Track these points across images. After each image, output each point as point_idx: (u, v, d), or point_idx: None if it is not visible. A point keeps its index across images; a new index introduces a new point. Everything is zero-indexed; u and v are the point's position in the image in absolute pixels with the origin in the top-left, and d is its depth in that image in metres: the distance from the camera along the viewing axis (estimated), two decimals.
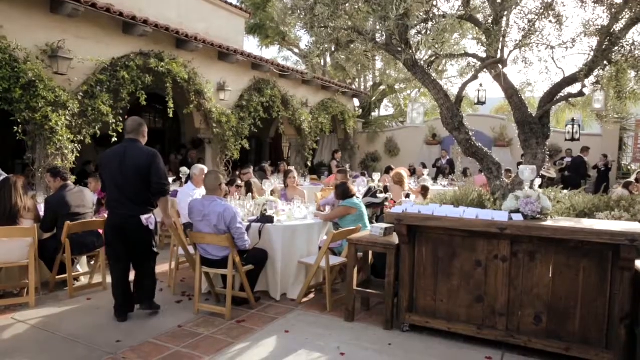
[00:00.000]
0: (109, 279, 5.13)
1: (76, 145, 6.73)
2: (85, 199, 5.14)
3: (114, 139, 7.26)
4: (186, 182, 6.99)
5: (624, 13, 4.13)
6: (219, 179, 4.42)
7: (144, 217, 4.09)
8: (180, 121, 13.39)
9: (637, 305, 3.24)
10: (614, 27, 4.21)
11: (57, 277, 4.87)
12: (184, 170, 8.14)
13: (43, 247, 4.74)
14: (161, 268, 5.83)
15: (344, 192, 5.28)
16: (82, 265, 5.39)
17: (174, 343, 3.69)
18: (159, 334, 3.86)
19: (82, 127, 6.81)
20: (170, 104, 8.22)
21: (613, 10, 4.17)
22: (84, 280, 5.26)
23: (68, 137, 6.53)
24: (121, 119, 7.35)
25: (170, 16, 10.10)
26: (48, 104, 6.22)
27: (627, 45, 4.25)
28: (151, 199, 4.14)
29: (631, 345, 3.26)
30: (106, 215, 4.29)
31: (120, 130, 7.31)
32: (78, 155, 6.85)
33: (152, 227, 4.21)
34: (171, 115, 8.47)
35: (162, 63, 8.10)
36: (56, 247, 4.75)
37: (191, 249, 4.65)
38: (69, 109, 6.51)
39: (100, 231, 5.08)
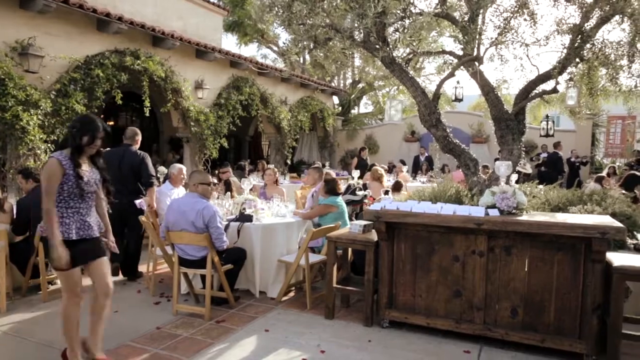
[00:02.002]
0: (85, 282, 5.04)
1: (49, 145, 6.56)
2: None
3: None
4: (164, 181, 6.89)
5: (594, 12, 4.22)
6: (207, 178, 4.50)
7: (137, 202, 5.32)
8: (158, 120, 13.21)
9: (607, 296, 3.33)
10: (585, 25, 4.30)
11: (30, 280, 4.75)
12: (162, 169, 8.03)
13: (15, 251, 4.61)
14: (140, 269, 5.76)
15: (332, 189, 5.27)
16: None
17: (152, 345, 3.64)
18: (136, 336, 3.80)
19: (56, 126, 6.64)
20: (147, 103, 8.09)
21: (584, 9, 4.26)
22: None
23: (40, 137, 6.36)
24: None
25: (146, 13, 9.93)
26: (18, 102, 6.04)
27: (598, 43, 4.35)
28: (141, 188, 5.42)
29: (603, 335, 3.34)
30: None
31: None
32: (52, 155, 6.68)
33: (144, 208, 5.32)
34: (148, 114, 8.34)
35: (138, 61, 7.96)
36: (29, 250, 4.63)
37: (169, 249, 4.59)
38: (41, 108, 6.34)
39: None
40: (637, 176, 6.96)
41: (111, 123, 13.34)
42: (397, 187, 6.55)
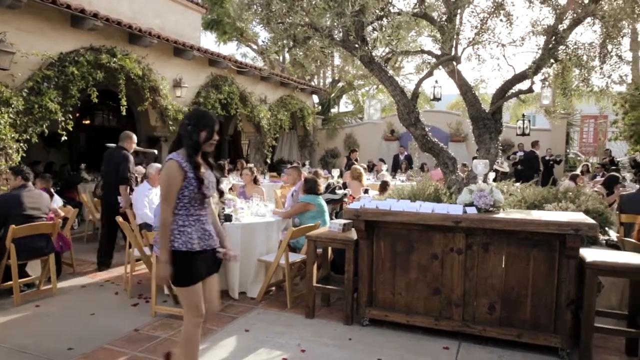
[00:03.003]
0: (59, 284, 4.94)
1: (22, 144, 6.39)
2: (42, 202, 4.90)
3: (64, 138, 6.97)
4: (142, 181, 6.78)
5: (567, 14, 4.31)
6: None
7: (119, 197, 5.79)
8: (135, 119, 12.95)
9: (580, 291, 3.41)
10: (559, 27, 4.39)
11: (2, 284, 4.62)
12: (139, 169, 7.89)
13: None
14: (117, 271, 5.67)
15: (311, 188, 5.27)
16: (33, 270, 5.12)
17: (130, 348, 3.58)
18: (113, 339, 3.73)
19: (28, 125, 6.47)
20: (124, 101, 7.95)
21: (557, 11, 4.35)
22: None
23: (12, 136, 6.18)
24: (71, 117, 7.04)
25: (123, 10, 9.76)
26: None
27: (571, 44, 4.44)
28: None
29: (576, 328, 3.42)
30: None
31: (71, 129, 7.03)
32: (24, 155, 6.51)
33: (122, 204, 5.78)
34: (124, 113, 8.19)
35: (115, 59, 7.81)
36: (2, 251, 4.50)
37: (147, 250, 4.52)
38: (13, 106, 6.16)
39: (51, 235, 4.86)
40: (617, 177, 7.58)
41: (87, 122, 13.09)
42: (383, 186, 6.62)
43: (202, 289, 2.70)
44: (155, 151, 9.02)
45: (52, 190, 5.92)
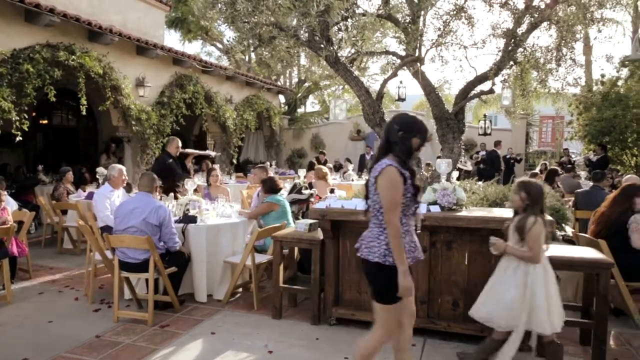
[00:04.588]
0: (14, 292, 4.73)
1: None
2: None
3: (19, 139, 6.68)
4: (103, 183, 6.58)
5: (525, 18, 4.47)
6: (155, 180, 4.46)
7: None
8: (96, 119, 12.57)
9: None
10: (517, 30, 4.54)
11: None
12: (101, 170, 7.67)
13: None
14: (77, 276, 5.49)
15: (271, 187, 5.24)
16: None
17: (90, 355, 3.46)
18: (73, 346, 3.60)
19: None
20: (83, 101, 7.69)
21: (516, 15, 4.50)
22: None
23: None
24: (27, 117, 6.75)
25: (81, 6, 9.43)
26: None
27: (529, 47, 4.61)
28: (172, 185, 6.11)
29: None
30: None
31: (27, 129, 6.74)
32: None
33: None
34: (85, 113, 7.93)
35: (73, 56, 7.54)
36: None
37: (109, 254, 4.39)
38: None
39: (5, 240, 4.65)
40: (556, 170, 8.22)
41: (45, 122, 12.60)
42: None
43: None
44: (213, 153, 8.87)
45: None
